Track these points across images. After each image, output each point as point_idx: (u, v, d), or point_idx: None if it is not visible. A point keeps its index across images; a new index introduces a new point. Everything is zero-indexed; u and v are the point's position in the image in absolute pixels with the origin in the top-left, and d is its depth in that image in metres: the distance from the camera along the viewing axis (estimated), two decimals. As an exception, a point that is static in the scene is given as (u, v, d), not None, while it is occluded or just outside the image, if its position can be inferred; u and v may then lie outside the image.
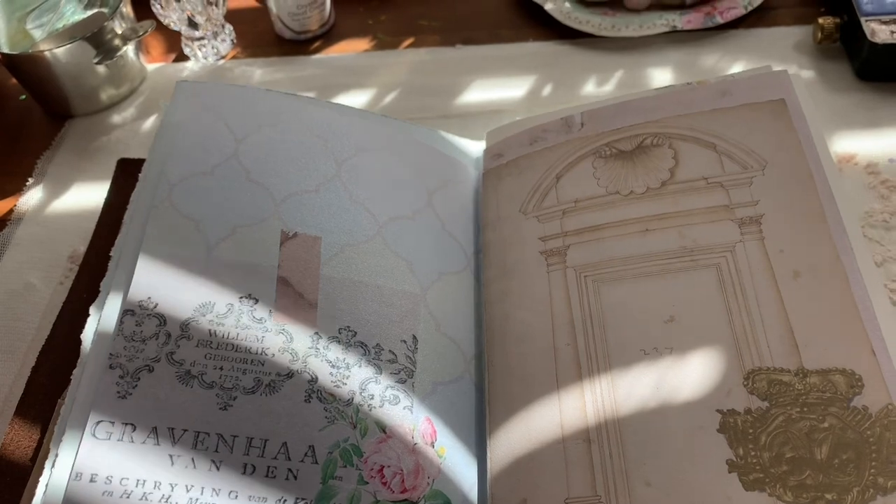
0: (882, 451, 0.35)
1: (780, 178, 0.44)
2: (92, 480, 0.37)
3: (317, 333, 0.42)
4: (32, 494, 0.37)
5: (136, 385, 0.39)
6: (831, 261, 0.41)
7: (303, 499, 0.37)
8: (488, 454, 0.41)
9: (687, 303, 0.42)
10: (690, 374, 0.40)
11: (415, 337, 0.44)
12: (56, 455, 0.37)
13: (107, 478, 0.37)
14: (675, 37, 0.65)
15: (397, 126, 0.53)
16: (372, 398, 0.41)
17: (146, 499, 0.36)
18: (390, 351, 0.43)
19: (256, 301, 0.43)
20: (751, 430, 0.37)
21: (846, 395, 0.37)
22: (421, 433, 0.41)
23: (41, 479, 0.37)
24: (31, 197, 0.60)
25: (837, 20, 0.60)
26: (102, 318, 0.42)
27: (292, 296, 0.43)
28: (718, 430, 0.38)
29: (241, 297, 0.43)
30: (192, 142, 0.48)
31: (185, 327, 0.41)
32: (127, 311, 0.41)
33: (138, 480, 0.37)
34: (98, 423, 0.38)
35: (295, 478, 0.38)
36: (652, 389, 0.40)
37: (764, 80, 0.47)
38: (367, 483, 0.38)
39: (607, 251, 0.45)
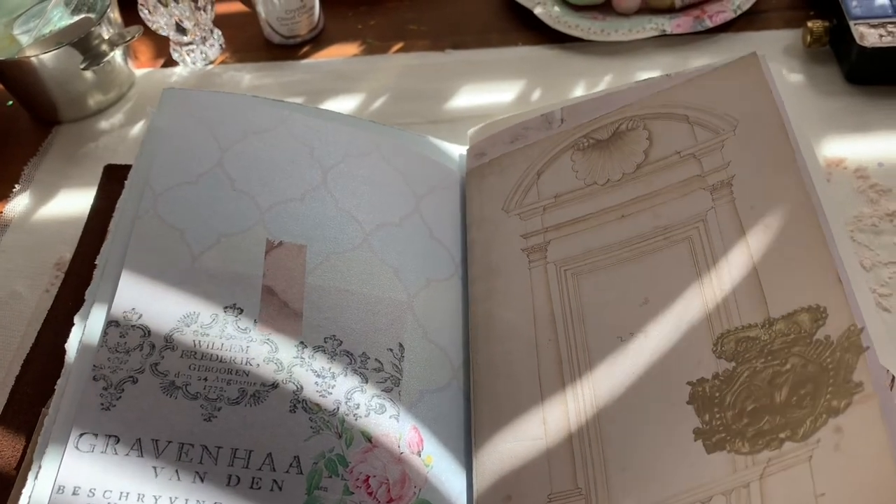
0: (840, 373, 0.35)
1: (750, 133, 0.44)
2: (74, 493, 0.36)
3: (302, 343, 0.42)
4: (16, 505, 0.37)
5: (120, 397, 0.39)
6: (799, 199, 0.40)
7: None
8: (473, 454, 0.41)
9: (661, 282, 0.42)
10: (663, 354, 0.40)
11: (401, 345, 0.43)
12: (39, 467, 0.37)
13: (90, 490, 0.36)
14: (664, 41, 0.65)
15: (385, 132, 0.53)
16: (358, 408, 0.40)
17: None
18: (376, 359, 0.42)
19: (241, 311, 0.42)
20: (717, 394, 0.37)
21: (810, 331, 0.37)
22: (407, 442, 0.40)
23: (24, 491, 0.37)
24: (18, 203, 0.59)
25: (827, 24, 0.60)
26: (87, 328, 0.41)
27: (277, 305, 0.43)
28: (688, 402, 0.38)
29: (226, 307, 0.42)
30: (177, 150, 0.48)
31: (170, 338, 0.41)
32: (111, 323, 0.41)
33: (122, 493, 0.36)
34: (81, 435, 0.38)
35: (280, 489, 0.37)
36: (627, 376, 0.40)
37: (736, 64, 0.48)
38: (353, 493, 0.38)
39: (586, 243, 0.45)
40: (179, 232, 0.44)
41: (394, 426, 0.40)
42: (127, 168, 0.54)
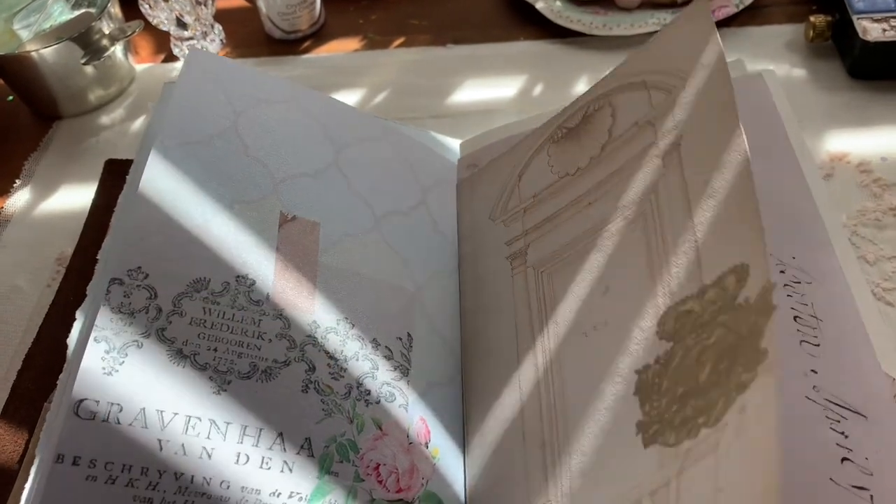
0: (751, 340, 0.31)
1: (697, 86, 0.40)
2: (74, 464, 0.34)
3: (315, 322, 0.41)
4: (18, 500, 0.36)
5: (124, 362, 0.36)
6: (737, 155, 0.36)
7: (297, 493, 0.36)
8: (465, 465, 0.41)
9: (618, 267, 0.39)
10: (619, 344, 0.37)
11: (410, 335, 0.43)
12: (40, 435, 0.35)
13: (90, 462, 0.34)
14: (666, 35, 0.65)
15: (390, 126, 0.53)
16: (368, 394, 0.40)
17: (132, 485, 0.34)
18: (386, 347, 0.42)
19: (253, 283, 0.41)
20: (656, 380, 0.34)
21: (734, 294, 0.32)
22: (416, 432, 0.40)
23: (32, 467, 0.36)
24: (19, 199, 0.59)
25: (829, 18, 0.60)
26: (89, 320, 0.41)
27: (291, 280, 0.42)
28: (634, 393, 0.35)
29: (238, 277, 0.40)
30: (193, 108, 0.46)
31: (178, 303, 0.39)
32: (114, 280, 0.38)
33: (124, 466, 0.35)
34: (81, 401, 0.35)
35: (290, 470, 0.37)
36: (589, 373, 0.37)
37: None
38: (363, 480, 0.37)
39: (559, 239, 0.43)
40: (190, 191, 0.42)
41: (403, 415, 0.40)
42: (128, 163, 0.54)
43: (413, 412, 0.41)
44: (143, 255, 0.39)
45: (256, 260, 0.41)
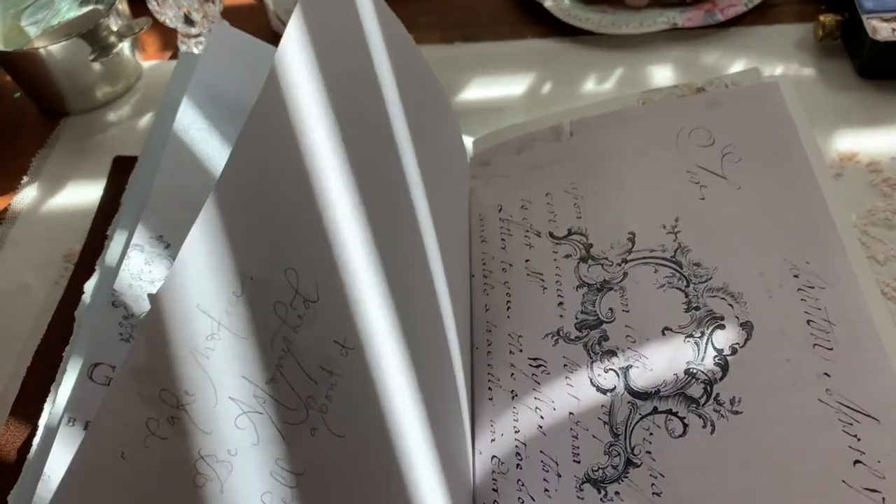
0: None
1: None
2: (86, 429, 0.31)
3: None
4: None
5: None
6: None
7: None
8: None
9: None
10: None
11: None
12: (54, 400, 0.34)
13: None
14: (675, 34, 0.65)
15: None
16: None
17: None
18: None
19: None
20: None
21: None
22: None
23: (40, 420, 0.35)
24: (26, 195, 0.59)
25: (839, 17, 0.60)
26: (107, 258, 0.38)
27: None
28: None
29: None
30: (215, 82, 0.44)
31: None
32: (135, 246, 0.36)
33: None
34: (95, 365, 0.34)
35: None
36: None
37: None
38: None
39: None
40: (210, 167, 0.40)
41: None
42: (136, 160, 0.54)
43: None
44: (165, 224, 0.37)
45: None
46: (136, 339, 0.27)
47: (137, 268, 0.36)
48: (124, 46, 0.64)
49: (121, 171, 0.55)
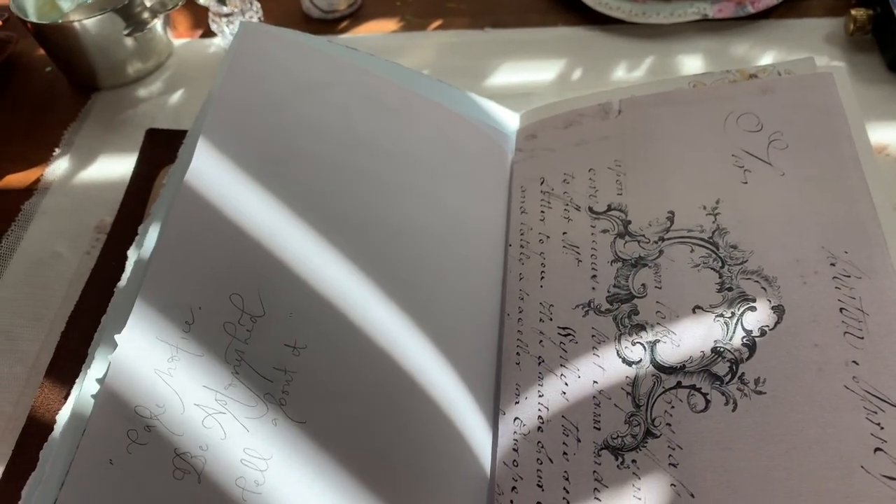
0: None
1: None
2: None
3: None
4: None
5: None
6: None
7: None
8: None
9: None
10: None
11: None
12: (92, 359, 0.36)
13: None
14: (705, 25, 0.65)
15: (448, 91, 0.53)
16: None
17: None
18: None
19: None
20: None
21: None
22: None
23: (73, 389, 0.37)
24: (58, 167, 0.60)
25: (870, 12, 0.60)
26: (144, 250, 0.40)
27: None
28: None
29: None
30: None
31: None
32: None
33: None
34: None
35: None
36: None
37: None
38: None
39: None
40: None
41: None
42: (169, 133, 0.55)
43: None
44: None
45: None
46: (109, 369, 0.34)
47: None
48: (157, 23, 0.64)
49: (154, 143, 0.56)
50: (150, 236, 0.40)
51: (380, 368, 0.39)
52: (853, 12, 0.60)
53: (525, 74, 0.63)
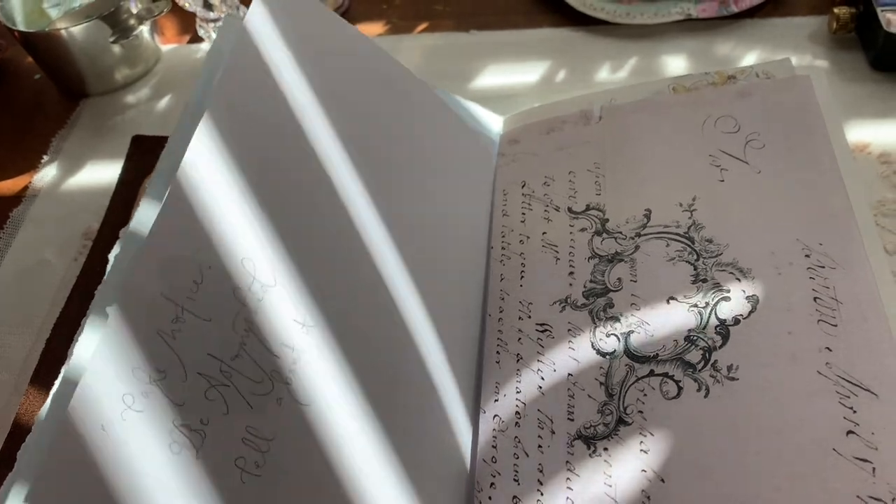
0: None
1: None
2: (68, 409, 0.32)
3: None
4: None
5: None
6: None
7: None
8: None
9: None
10: None
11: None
12: (82, 330, 0.32)
13: None
14: (689, 25, 0.65)
15: (438, 100, 0.53)
16: None
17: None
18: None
19: None
20: None
21: None
22: None
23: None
24: (47, 174, 0.60)
25: (853, 10, 0.60)
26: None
27: None
28: None
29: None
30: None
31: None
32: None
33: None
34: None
35: None
36: None
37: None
38: None
39: None
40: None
41: None
42: (155, 139, 0.55)
43: None
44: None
45: None
46: (107, 325, 0.30)
47: None
48: (144, 29, 0.65)
49: (140, 150, 0.56)
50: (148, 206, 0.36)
51: (382, 357, 0.39)
52: (836, 10, 0.61)
53: (510, 76, 0.64)
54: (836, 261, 0.39)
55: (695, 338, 0.39)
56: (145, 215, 0.35)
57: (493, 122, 0.55)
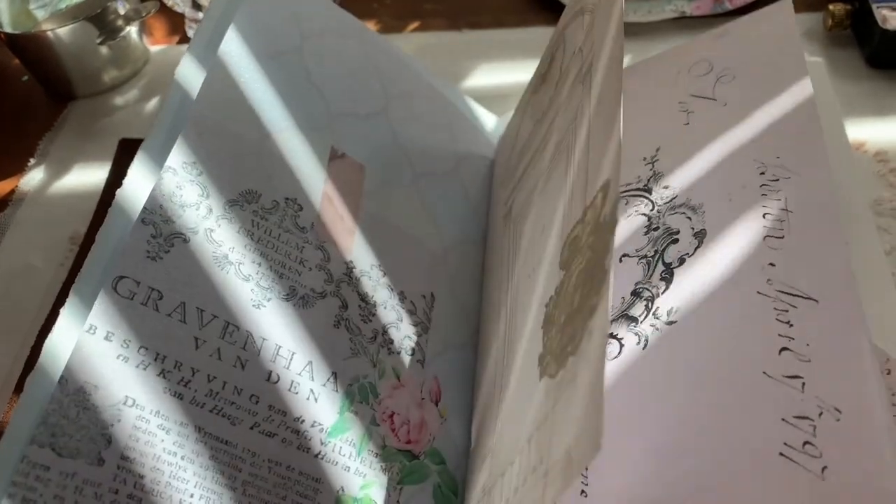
0: (602, 260, 0.29)
1: (602, 8, 0.40)
2: (107, 339, 0.32)
3: (352, 262, 0.41)
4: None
5: (169, 251, 0.35)
6: (612, 70, 0.35)
7: (319, 424, 0.36)
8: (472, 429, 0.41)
9: (549, 203, 0.39)
10: (544, 281, 0.36)
11: (433, 295, 0.43)
12: (66, 308, 0.33)
13: (124, 341, 0.32)
14: (683, 23, 0.64)
15: (438, 85, 0.53)
16: (391, 343, 0.40)
17: (164, 376, 0.33)
18: (411, 301, 0.42)
19: (301, 208, 0.40)
20: (554, 311, 0.33)
21: (600, 211, 0.31)
22: (429, 389, 0.40)
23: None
24: (33, 178, 0.59)
25: (848, 7, 0.60)
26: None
27: (335, 215, 0.41)
28: (541, 327, 0.34)
29: (287, 199, 0.40)
30: (260, 21, 0.44)
31: (228, 208, 0.38)
32: (168, 168, 0.37)
33: (158, 354, 0.33)
34: (121, 278, 0.34)
35: (315, 400, 0.36)
36: (525, 315, 0.37)
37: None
38: (379, 425, 0.38)
39: (527, 187, 0.43)
40: (250, 103, 0.41)
41: (419, 371, 0.40)
42: (141, 141, 0.54)
43: (428, 369, 0.41)
44: (198, 152, 0.38)
45: (306, 186, 0.41)
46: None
47: (169, 189, 0.36)
48: (131, 30, 0.64)
49: (127, 153, 0.55)
50: (141, 166, 0.38)
51: None
52: (831, 7, 0.60)
53: (502, 75, 0.63)
54: (790, 170, 0.38)
55: (640, 290, 0.38)
56: (143, 172, 0.37)
57: (489, 121, 0.55)
